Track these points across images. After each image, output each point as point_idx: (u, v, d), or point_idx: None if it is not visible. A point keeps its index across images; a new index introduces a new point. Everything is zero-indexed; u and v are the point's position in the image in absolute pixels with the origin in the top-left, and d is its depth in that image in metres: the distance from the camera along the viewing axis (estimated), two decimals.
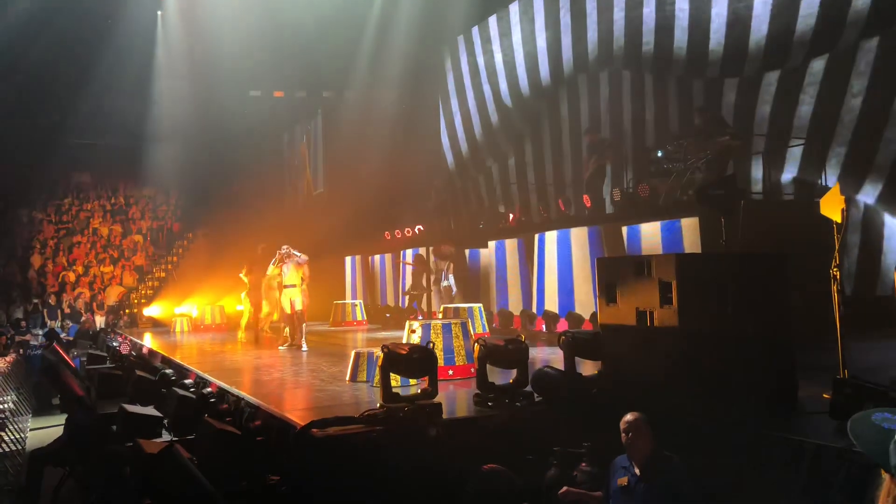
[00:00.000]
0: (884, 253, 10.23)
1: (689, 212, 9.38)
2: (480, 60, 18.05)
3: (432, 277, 14.78)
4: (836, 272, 5.27)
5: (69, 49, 20.34)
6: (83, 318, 19.26)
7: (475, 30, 18.08)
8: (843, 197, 5.38)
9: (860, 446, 1.31)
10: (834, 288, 5.31)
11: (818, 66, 10.77)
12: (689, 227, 9.49)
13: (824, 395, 4.72)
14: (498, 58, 17.38)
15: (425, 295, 15.04)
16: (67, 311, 20.14)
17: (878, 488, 1.29)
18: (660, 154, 10.84)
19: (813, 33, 10.66)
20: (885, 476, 1.27)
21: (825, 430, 4.36)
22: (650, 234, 10.27)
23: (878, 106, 9.99)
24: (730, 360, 5.10)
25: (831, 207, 5.36)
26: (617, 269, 5.70)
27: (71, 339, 17.06)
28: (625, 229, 10.80)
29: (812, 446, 4.16)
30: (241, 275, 14.01)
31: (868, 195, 10.29)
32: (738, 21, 11.71)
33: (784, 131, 11.13)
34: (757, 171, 11.19)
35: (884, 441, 1.27)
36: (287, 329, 11.86)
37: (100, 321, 19.85)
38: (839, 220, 5.23)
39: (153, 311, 19.91)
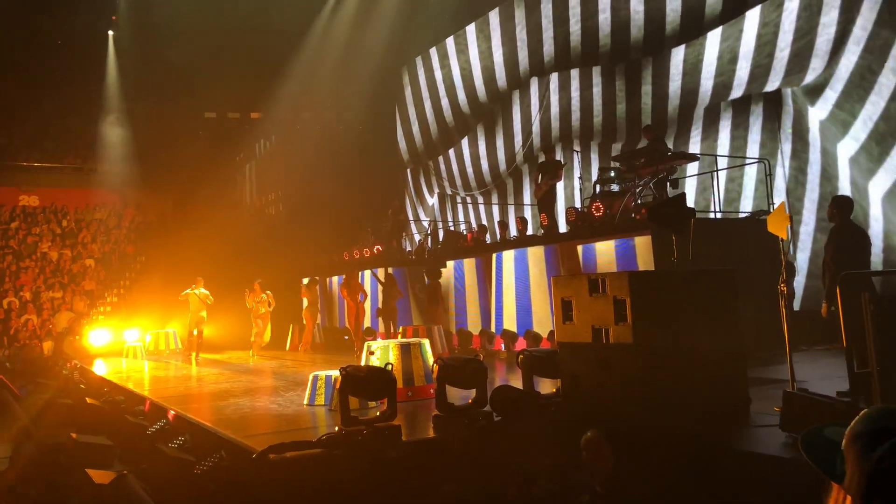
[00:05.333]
0: (809, 164, 10.93)
1: (643, 230, 9.56)
2: (438, 75, 18.33)
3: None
4: (783, 288, 5.44)
5: (18, 69, 19.91)
6: (31, 346, 18.62)
7: (433, 49, 18.34)
8: (788, 215, 5.56)
9: (809, 458, 1.36)
10: (782, 303, 5.47)
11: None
12: (643, 245, 9.66)
13: (775, 409, 4.84)
14: (456, 72, 17.73)
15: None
16: (13, 339, 19.45)
17: (827, 497, 1.35)
18: (612, 174, 11.07)
19: None
20: (833, 486, 1.32)
21: (776, 443, 4.46)
22: (605, 252, 10.43)
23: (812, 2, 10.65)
24: (683, 375, 5.19)
25: (777, 225, 5.53)
26: (572, 288, 5.77)
27: (17, 366, 16.45)
28: (580, 248, 10.94)
29: (764, 458, 4.25)
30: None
31: (808, 78, 10.94)
32: (693, 9, 12.35)
33: (732, 59, 11.89)
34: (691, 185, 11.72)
35: (831, 452, 1.32)
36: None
37: (48, 348, 19.18)
38: (784, 237, 5.40)
39: (102, 337, 19.17)
